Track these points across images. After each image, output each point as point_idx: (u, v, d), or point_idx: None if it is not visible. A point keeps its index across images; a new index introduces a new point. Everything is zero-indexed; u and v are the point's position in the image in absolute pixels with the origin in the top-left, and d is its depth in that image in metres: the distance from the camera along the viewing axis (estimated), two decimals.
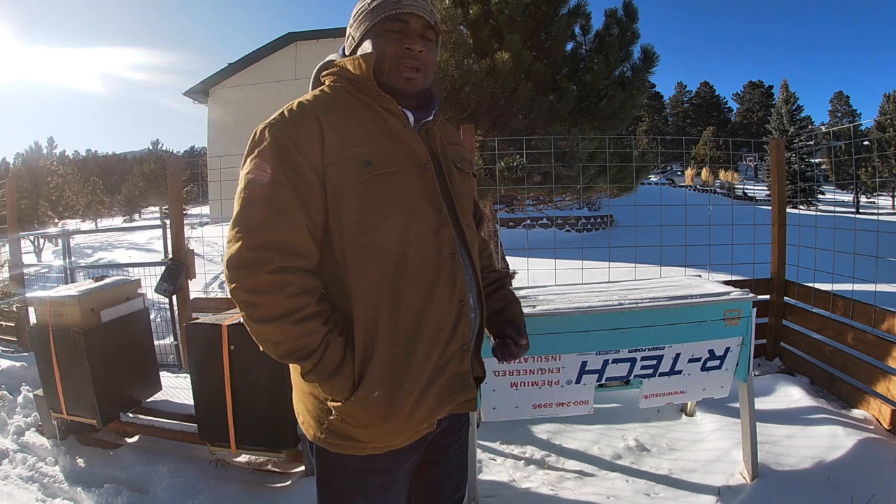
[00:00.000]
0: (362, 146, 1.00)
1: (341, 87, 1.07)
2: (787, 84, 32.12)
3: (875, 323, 2.64)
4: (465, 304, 1.06)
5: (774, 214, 3.45)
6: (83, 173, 35.49)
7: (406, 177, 1.02)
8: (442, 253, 1.03)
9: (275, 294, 0.93)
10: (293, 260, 0.95)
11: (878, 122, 27.72)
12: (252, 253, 0.93)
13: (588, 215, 13.94)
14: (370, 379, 0.98)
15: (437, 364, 1.02)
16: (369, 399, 0.98)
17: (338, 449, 1.03)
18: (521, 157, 3.74)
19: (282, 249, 0.94)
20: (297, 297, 0.94)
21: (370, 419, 0.99)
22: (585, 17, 4.41)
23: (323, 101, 1.04)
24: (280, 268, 0.93)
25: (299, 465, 2.38)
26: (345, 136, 1.00)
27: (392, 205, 0.99)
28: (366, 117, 1.04)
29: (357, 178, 0.98)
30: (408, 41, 1.05)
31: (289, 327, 0.93)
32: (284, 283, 0.93)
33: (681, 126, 50.76)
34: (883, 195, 28.26)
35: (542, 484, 2.24)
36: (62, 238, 4.99)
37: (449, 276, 1.03)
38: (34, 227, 19.32)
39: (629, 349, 1.96)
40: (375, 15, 1.06)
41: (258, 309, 0.93)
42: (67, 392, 2.55)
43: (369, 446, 1.02)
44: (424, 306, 1.00)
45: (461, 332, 1.05)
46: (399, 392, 0.99)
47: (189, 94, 17.71)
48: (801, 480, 2.07)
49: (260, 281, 0.92)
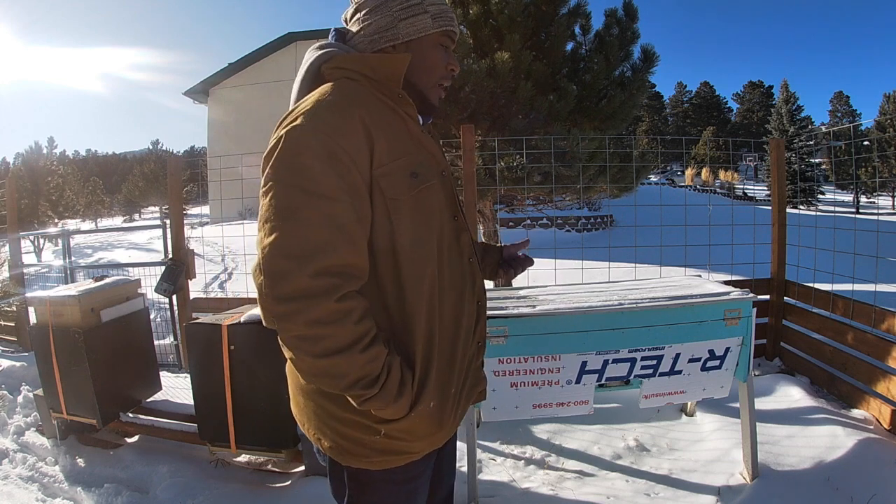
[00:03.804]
0: (405, 156, 0.94)
1: (358, 85, 0.96)
2: (787, 84, 32.16)
3: (875, 323, 2.64)
4: (483, 305, 1.08)
5: (774, 214, 3.45)
6: (83, 173, 35.55)
7: (438, 186, 1.00)
8: (464, 259, 1.04)
9: (342, 324, 0.83)
10: (355, 283, 0.87)
11: (878, 122, 27.73)
12: (315, 281, 0.82)
13: (588, 215, 13.93)
14: (427, 392, 0.95)
15: (466, 365, 1.05)
16: (426, 411, 0.95)
17: (380, 465, 0.97)
18: (521, 157, 3.74)
19: (346, 274, 0.85)
20: (361, 322, 0.86)
21: (426, 430, 0.97)
22: (585, 17, 4.41)
23: (360, 100, 0.92)
24: (347, 294, 0.85)
25: (299, 465, 2.38)
26: (390, 143, 0.92)
27: (432, 216, 0.98)
28: (394, 122, 0.96)
29: (408, 192, 0.92)
30: (453, 63, 1.05)
31: (357, 356, 0.84)
32: (350, 309, 0.84)
33: (681, 126, 50.77)
34: (883, 195, 28.27)
35: (542, 484, 2.24)
36: (62, 238, 4.98)
37: (471, 280, 1.05)
38: (34, 227, 19.33)
39: (629, 349, 1.96)
40: (437, 23, 1.01)
41: (324, 342, 0.83)
42: (67, 392, 2.55)
43: (411, 455, 0.99)
44: (459, 314, 1.02)
45: (480, 331, 1.08)
46: (448, 399, 1.00)
47: (189, 94, 17.73)
48: (801, 480, 2.07)
49: (327, 311, 0.82)
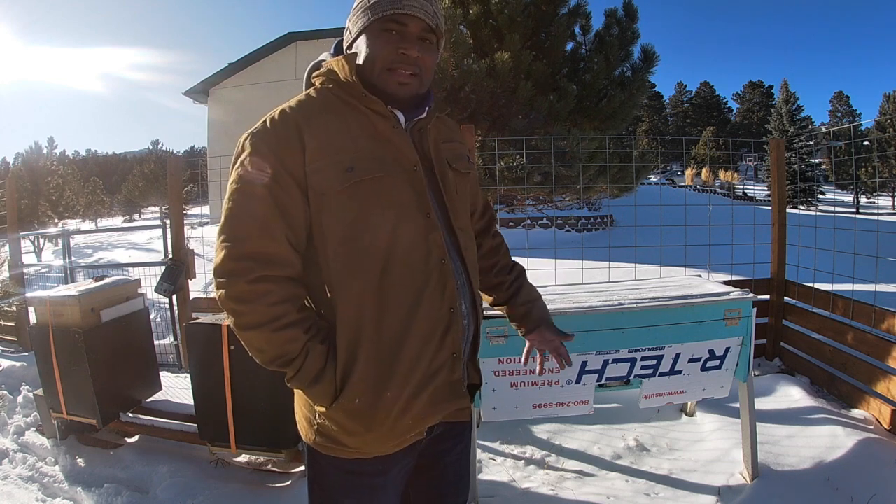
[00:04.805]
0: (344, 152, 0.97)
1: (329, 90, 1.05)
2: (787, 84, 32.12)
3: (875, 323, 2.64)
4: (457, 311, 1.02)
5: (774, 214, 3.45)
6: (83, 173, 35.50)
7: (393, 181, 0.99)
8: (431, 258, 1.00)
9: (256, 303, 0.94)
10: (273, 269, 0.95)
11: (878, 122, 27.71)
12: (234, 263, 0.95)
13: (588, 215, 13.90)
14: (351, 387, 0.97)
15: (425, 372, 1.00)
16: (350, 407, 0.97)
17: (327, 451, 1.03)
18: (521, 157, 3.74)
19: (261, 260, 0.95)
20: (277, 305, 0.95)
21: (352, 427, 0.99)
22: (585, 17, 4.42)
23: (306, 107, 1.01)
24: (260, 277, 0.94)
25: (299, 465, 2.38)
26: (326, 142, 0.98)
27: (378, 211, 0.97)
28: (352, 120, 1.01)
29: (339, 186, 0.96)
30: (404, 45, 0.99)
31: (270, 335, 0.94)
32: (265, 291, 0.94)
33: (681, 126, 50.75)
34: (883, 195, 28.25)
35: (542, 484, 2.24)
36: (62, 238, 4.99)
37: (438, 282, 1.00)
38: (34, 227, 19.32)
39: (629, 349, 1.96)
40: (374, 12, 1.00)
41: (242, 317, 0.95)
42: (67, 392, 2.55)
43: (355, 451, 1.01)
44: (411, 314, 0.98)
45: (451, 340, 1.02)
46: (380, 401, 0.97)
47: (189, 94, 17.70)
48: (801, 480, 2.07)
49: (242, 290, 0.94)
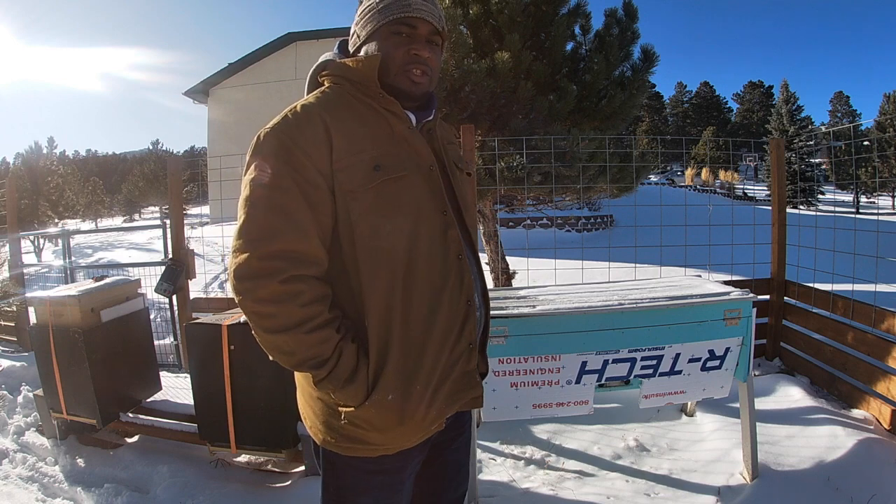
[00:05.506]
0: (370, 150, 0.99)
1: (342, 88, 1.05)
2: (787, 84, 32.15)
3: (875, 323, 2.64)
4: (472, 304, 1.06)
5: (774, 214, 3.45)
6: (83, 173, 35.43)
7: (413, 180, 1.02)
8: (449, 255, 1.03)
9: (288, 304, 0.91)
10: (304, 268, 0.94)
11: (878, 123, 27.70)
12: (262, 263, 0.91)
13: (588, 215, 13.92)
14: (384, 383, 0.98)
15: (446, 364, 1.03)
16: (383, 403, 0.98)
17: (349, 452, 1.02)
18: (521, 157, 3.73)
19: (292, 258, 0.92)
20: (309, 305, 0.93)
21: (384, 423, 0.99)
22: (585, 17, 4.40)
23: (327, 102, 1.02)
24: (292, 277, 0.91)
25: (299, 465, 2.38)
26: (352, 140, 0.98)
27: (401, 209, 0.99)
28: (369, 119, 1.02)
29: (367, 184, 0.97)
30: (416, 47, 1.03)
31: (303, 336, 0.92)
32: (297, 292, 0.92)
33: (681, 126, 50.74)
34: (883, 195, 28.26)
35: (542, 484, 2.23)
36: (62, 238, 4.99)
37: (457, 277, 1.04)
38: (34, 227, 19.28)
39: (629, 349, 1.96)
40: (384, 16, 1.03)
41: (271, 320, 0.92)
42: (67, 392, 2.55)
43: (381, 448, 1.02)
44: (434, 308, 1.01)
45: (468, 332, 1.06)
46: (412, 394, 0.99)
47: (189, 94, 17.72)
48: (801, 480, 2.07)
49: (272, 291, 0.90)
